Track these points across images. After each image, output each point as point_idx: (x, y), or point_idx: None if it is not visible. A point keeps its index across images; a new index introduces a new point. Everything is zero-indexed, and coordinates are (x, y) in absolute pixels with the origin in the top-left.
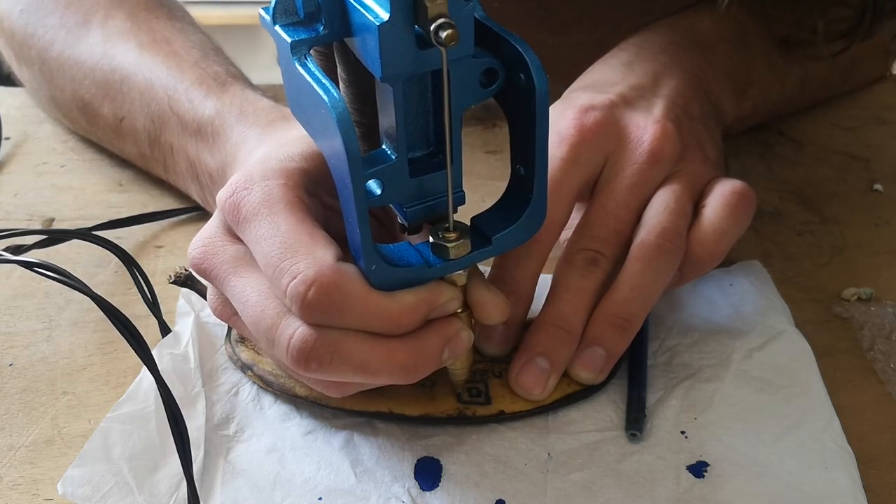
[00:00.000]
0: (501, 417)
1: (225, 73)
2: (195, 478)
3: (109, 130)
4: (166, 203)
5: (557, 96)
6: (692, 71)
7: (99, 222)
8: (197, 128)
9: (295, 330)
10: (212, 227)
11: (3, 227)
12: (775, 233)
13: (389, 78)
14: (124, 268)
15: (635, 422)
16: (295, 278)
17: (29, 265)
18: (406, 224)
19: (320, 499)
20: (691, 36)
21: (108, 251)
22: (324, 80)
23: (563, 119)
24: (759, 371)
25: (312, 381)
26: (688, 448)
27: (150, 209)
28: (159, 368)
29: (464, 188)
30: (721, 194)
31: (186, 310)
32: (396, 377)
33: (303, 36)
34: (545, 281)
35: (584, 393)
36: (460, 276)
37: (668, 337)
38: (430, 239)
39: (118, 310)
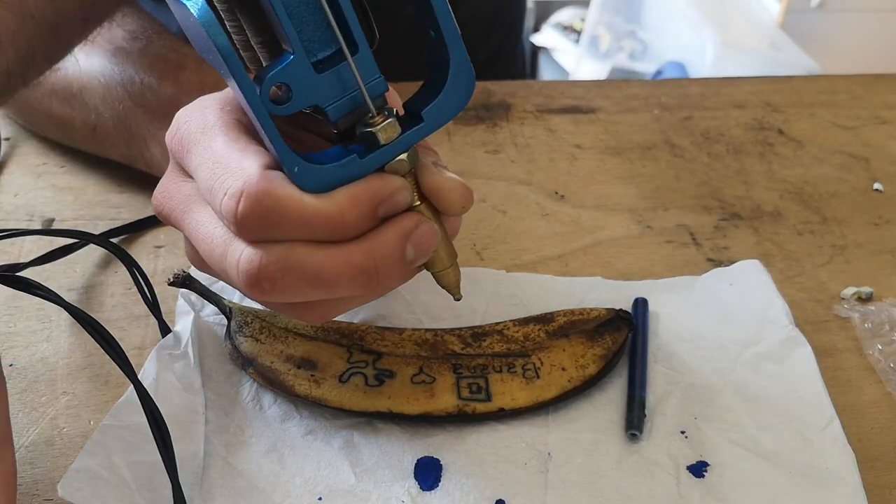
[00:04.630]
0: (501, 414)
1: (175, 56)
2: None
3: (89, 140)
4: None
5: None
6: None
7: (99, 222)
8: (164, 112)
9: (241, 253)
10: (168, 171)
11: (3, 227)
12: (775, 232)
13: None
14: (124, 268)
15: (635, 422)
16: (225, 195)
17: (4, 280)
18: (335, 126)
19: (320, 499)
20: None
21: (108, 251)
22: None
23: None
24: (759, 371)
25: (286, 310)
26: (688, 448)
27: (150, 210)
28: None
29: (387, 88)
30: None
31: (186, 309)
32: (359, 284)
33: None
34: (543, 281)
35: (582, 389)
36: (401, 162)
37: (668, 337)
38: (357, 132)
39: (96, 320)
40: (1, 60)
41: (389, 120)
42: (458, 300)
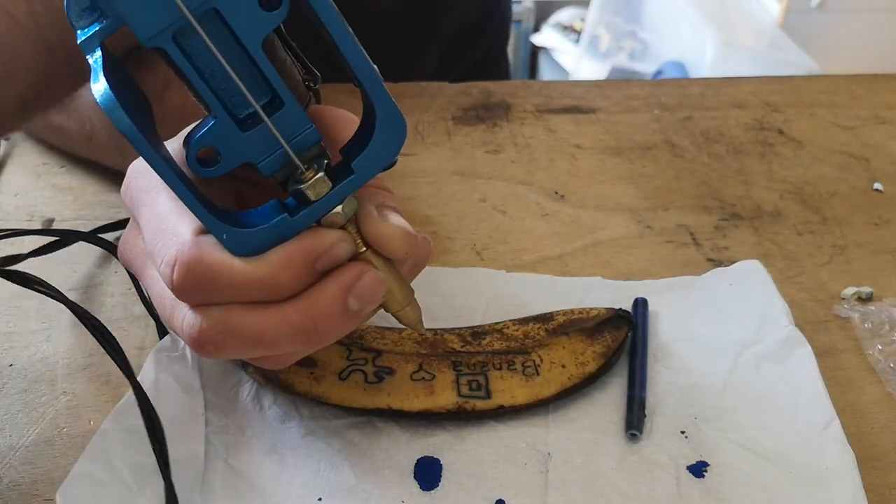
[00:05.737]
0: (501, 412)
1: (164, 70)
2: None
3: (85, 148)
4: None
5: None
6: None
7: (99, 222)
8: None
9: (184, 317)
10: (129, 223)
11: (3, 227)
12: (775, 233)
13: (151, 40)
14: (123, 268)
15: (635, 422)
16: (162, 261)
17: (4, 274)
18: (273, 178)
19: (320, 499)
20: None
21: (107, 251)
22: (99, 71)
23: None
24: (759, 371)
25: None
26: (688, 448)
27: None
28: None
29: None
30: None
31: None
32: (299, 343)
33: (91, 31)
34: (543, 281)
35: (582, 386)
36: (336, 215)
37: (668, 337)
38: (289, 189)
39: (94, 317)
40: (15, 87)
41: (319, 175)
42: (423, 334)
